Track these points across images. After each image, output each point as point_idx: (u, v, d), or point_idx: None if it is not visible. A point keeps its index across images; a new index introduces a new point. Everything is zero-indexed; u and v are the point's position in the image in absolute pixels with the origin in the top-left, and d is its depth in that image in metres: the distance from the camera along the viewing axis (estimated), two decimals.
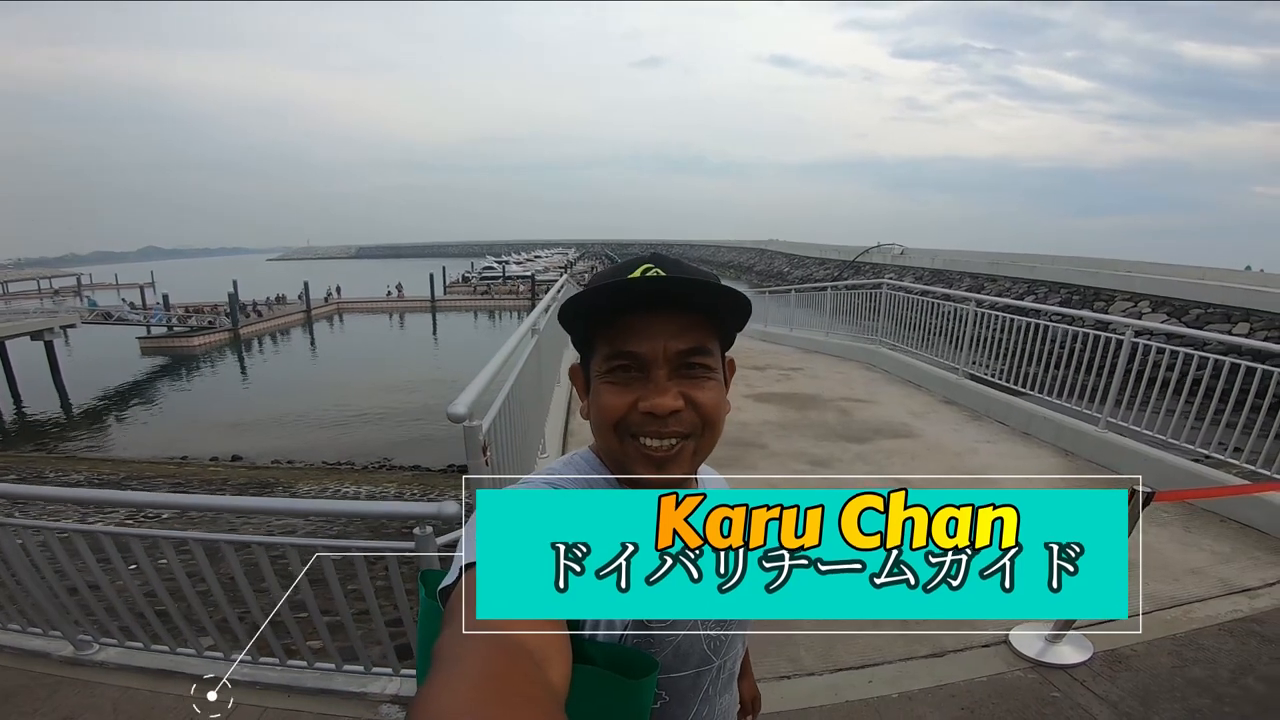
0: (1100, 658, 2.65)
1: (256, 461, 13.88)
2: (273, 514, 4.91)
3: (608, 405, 0.72)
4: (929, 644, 2.79)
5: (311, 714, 2.46)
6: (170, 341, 30.55)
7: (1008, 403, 6.24)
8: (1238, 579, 3.28)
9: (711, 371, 0.74)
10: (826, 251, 43.93)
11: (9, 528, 2.48)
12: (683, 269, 0.73)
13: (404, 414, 17.93)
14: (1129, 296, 18.85)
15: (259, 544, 2.26)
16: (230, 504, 2.68)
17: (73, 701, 2.53)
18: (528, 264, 68.17)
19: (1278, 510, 3.73)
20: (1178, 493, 3.66)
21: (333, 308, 44.27)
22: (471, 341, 32.23)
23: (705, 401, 0.72)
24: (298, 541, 2.25)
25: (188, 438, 16.15)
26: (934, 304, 8.03)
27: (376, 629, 2.50)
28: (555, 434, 5.20)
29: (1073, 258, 24.91)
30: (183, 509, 2.82)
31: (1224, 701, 2.40)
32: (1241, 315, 15.65)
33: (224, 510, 2.75)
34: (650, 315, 0.70)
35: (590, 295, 0.71)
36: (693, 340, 0.71)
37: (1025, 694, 2.46)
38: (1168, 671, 2.56)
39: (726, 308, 0.73)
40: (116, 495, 2.64)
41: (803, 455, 5.25)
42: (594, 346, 0.75)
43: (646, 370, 0.71)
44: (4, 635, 2.86)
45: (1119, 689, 2.46)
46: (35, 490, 2.63)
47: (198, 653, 2.64)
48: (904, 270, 29.49)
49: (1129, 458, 4.78)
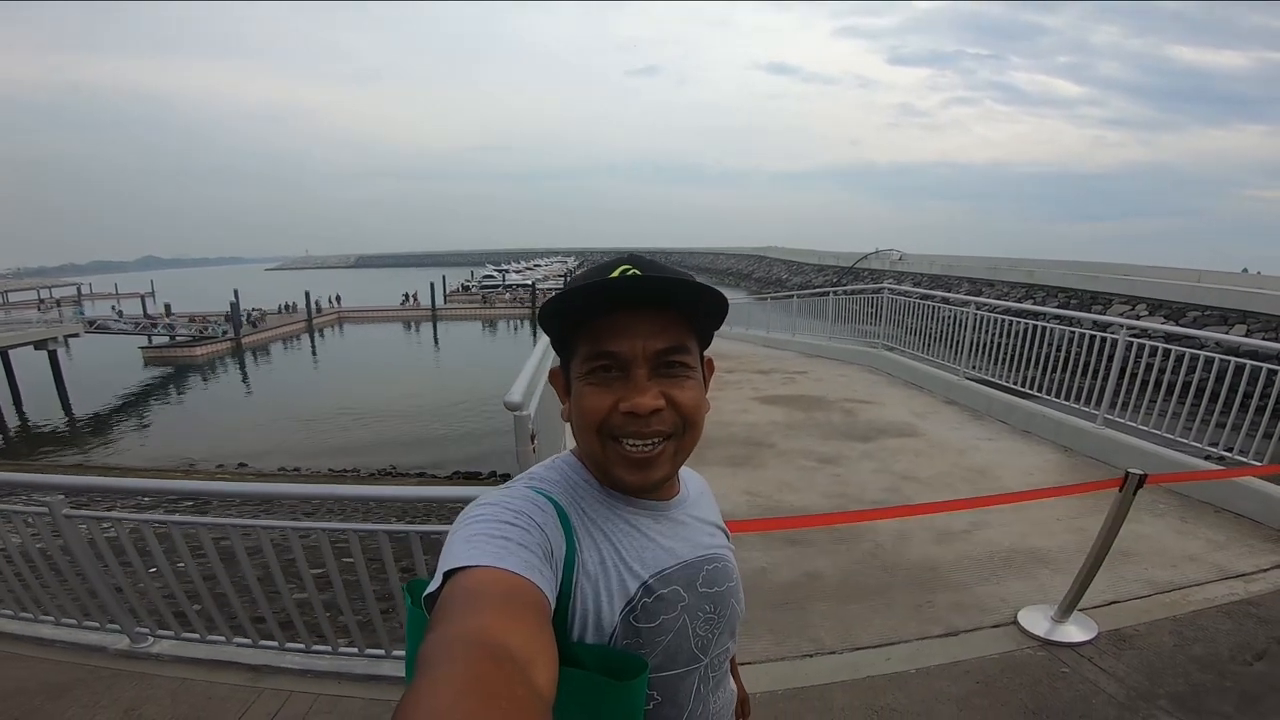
0: (1105, 636, 2.80)
1: (263, 470, 13.99)
2: (343, 500, 5.09)
3: (589, 407, 0.73)
4: (941, 624, 2.94)
5: (362, 699, 2.57)
6: (173, 351, 30.69)
7: (1008, 403, 6.40)
8: (1233, 565, 3.43)
9: (691, 370, 0.74)
10: (825, 258, 44.22)
11: (76, 520, 2.61)
12: (660, 269, 0.73)
13: (407, 421, 18.06)
14: (1126, 299, 19.08)
15: (323, 530, 2.40)
16: (304, 491, 2.81)
17: (131, 694, 2.62)
18: (528, 272, 68.40)
19: (1269, 499, 3.89)
20: (1167, 476, 3.84)
21: (334, 316, 44.45)
22: (472, 351, 32.36)
23: (685, 400, 0.73)
24: (361, 527, 2.38)
25: (192, 446, 16.28)
26: (934, 308, 8.21)
27: None
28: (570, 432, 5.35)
29: (1071, 262, 25.14)
30: (261, 498, 2.93)
31: (1225, 677, 2.54)
32: (1238, 317, 15.86)
33: (295, 497, 2.89)
34: (628, 315, 0.71)
35: (568, 295, 0.71)
36: (671, 339, 0.72)
37: (1036, 669, 2.61)
38: (1170, 650, 2.71)
39: (703, 306, 0.74)
40: (192, 485, 2.75)
41: (811, 454, 5.39)
42: (573, 348, 0.75)
43: (626, 370, 0.72)
44: (59, 630, 2.97)
45: (1125, 665, 2.61)
46: (106, 482, 2.74)
47: (253, 643, 2.75)
48: (903, 276, 29.71)
49: (1127, 453, 4.93)
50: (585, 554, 0.71)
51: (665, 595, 0.74)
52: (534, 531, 0.65)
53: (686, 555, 0.79)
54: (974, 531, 3.77)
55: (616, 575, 0.72)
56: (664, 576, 0.75)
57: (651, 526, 0.78)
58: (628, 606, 0.71)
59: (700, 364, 0.78)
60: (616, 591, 0.71)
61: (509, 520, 0.65)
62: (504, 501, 0.69)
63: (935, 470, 4.97)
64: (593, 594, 0.70)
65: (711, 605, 0.80)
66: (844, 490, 4.57)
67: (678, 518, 0.82)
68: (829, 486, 4.65)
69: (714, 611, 0.80)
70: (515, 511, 0.67)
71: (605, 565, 0.72)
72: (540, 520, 0.67)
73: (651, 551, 0.76)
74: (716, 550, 0.84)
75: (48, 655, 2.88)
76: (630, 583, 0.72)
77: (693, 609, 0.77)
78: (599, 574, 0.71)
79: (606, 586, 0.71)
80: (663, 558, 0.76)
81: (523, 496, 0.71)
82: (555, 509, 0.71)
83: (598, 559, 0.72)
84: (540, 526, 0.66)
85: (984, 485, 4.65)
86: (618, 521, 0.76)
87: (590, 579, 0.70)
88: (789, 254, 53.51)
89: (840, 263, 39.93)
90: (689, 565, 0.79)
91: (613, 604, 0.71)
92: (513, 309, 46.01)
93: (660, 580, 0.75)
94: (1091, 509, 3.66)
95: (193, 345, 30.89)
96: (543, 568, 0.62)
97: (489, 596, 0.55)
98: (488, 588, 0.56)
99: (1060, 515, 3.90)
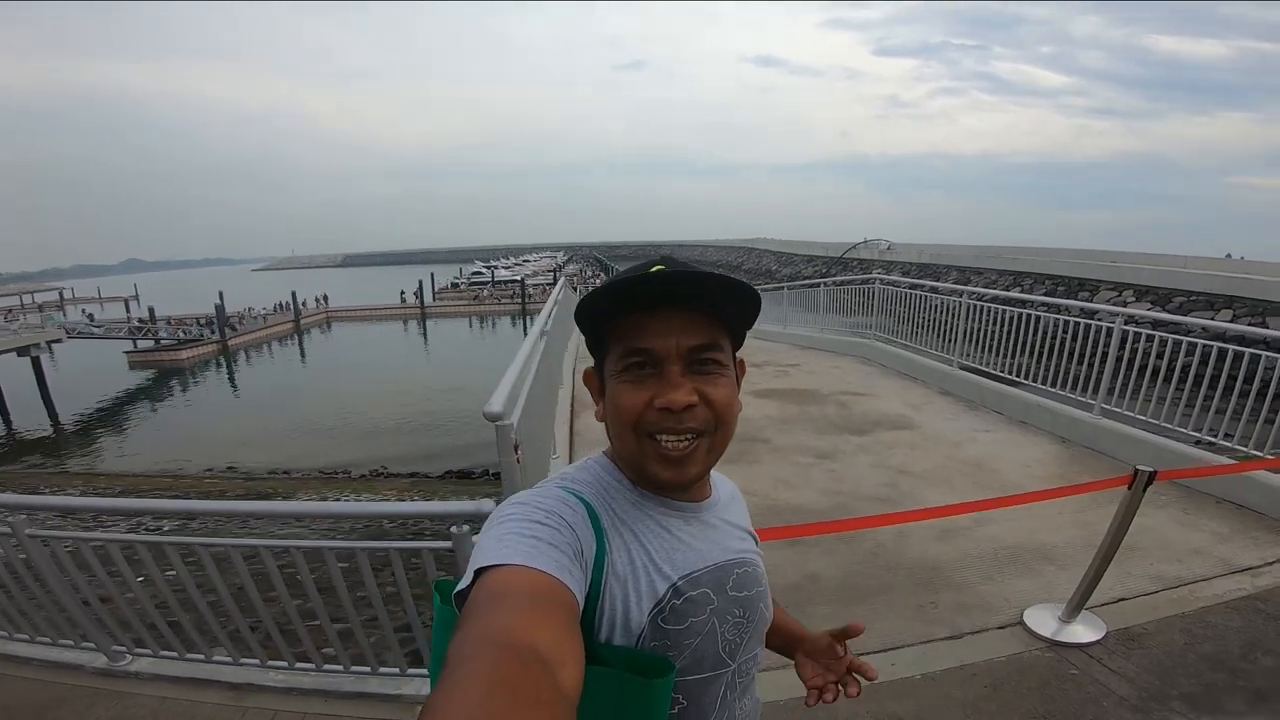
0: (1114, 636, 2.73)
1: (253, 472, 13.82)
2: (313, 518, 4.94)
3: (625, 405, 0.73)
4: (946, 626, 2.86)
5: (349, 718, 2.49)
6: (158, 355, 30.27)
7: (1003, 392, 6.35)
8: (1238, 558, 3.38)
9: (724, 368, 0.75)
10: (814, 249, 44.25)
11: (39, 539, 2.49)
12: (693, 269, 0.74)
13: (399, 420, 17.90)
14: (1113, 286, 19.14)
15: (298, 548, 2.29)
16: (271, 509, 2.71)
17: (112, 713, 2.53)
18: (516, 268, 68.06)
19: (1272, 490, 3.84)
20: (1177, 472, 3.77)
21: (321, 316, 44.06)
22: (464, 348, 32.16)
23: (718, 398, 0.74)
24: (338, 545, 2.28)
25: (180, 450, 16.07)
26: (924, 297, 8.16)
27: (413, 628, 2.53)
28: (562, 436, 5.25)
29: (1057, 249, 25.23)
30: (226, 515, 2.82)
31: (1238, 676, 2.48)
32: (1224, 302, 15.92)
33: (263, 515, 2.78)
34: (662, 312, 0.72)
35: (603, 293, 0.72)
36: (704, 336, 0.73)
37: (1045, 671, 2.53)
38: (1180, 649, 2.64)
39: (736, 304, 0.74)
40: (155, 504, 2.65)
41: (806, 449, 5.31)
42: (607, 347, 0.76)
43: (660, 367, 0.72)
44: (35, 648, 2.86)
45: (1135, 666, 2.54)
46: (67, 502, 2.63)
47: (234, 660, 2.65)
48: (891, 265, 29.77)
49: (1125, 443, 4.89)
50: (615, 554, 0.72)
51: (694, 597, 0.74)
52: (565, 531, 0.66)
53: (716, 558, 0.79)
54: (976, 528, 3.70)
55: (646, 576, 0.72)
56: (693, 579, 0.75)
57: (682, 528, 0.78)
58: (656, 608, 0.71)
59: (733, 362, 0.78)
60: (645, 592, 0.71)
61: (540, 520, 0.65)
62: (535, 501, 0.69)
63: (932, 464, 4.90)
64: (621, 594, 0.70)
65: (740, 609, 0.79)
66: (841, 487, 4.49)
67: (708, 520, 0.82)
68: (826, 483, 4.57)
69: (742, 616, 0.79)
70: (546, 511, 0.67)
71: (635, 566, 0.72)
72: (571, 520, 0.68)
73: (681, 553, 0.76)
74: (746, 554, 0.84)
75: (23, 674, 2.79)
76: (659, 584, 0.73)
77: (721, 612, 0.77)
78: (628, 574, 0.71)
79: (635, 587, 0.71)
80: (692, 560, 0.76)
81: (554, 496, 0.71)
82: (586, 509, 0.72)
83: (627, 559, 0.72)
84: (571, 526, 0.67)
85: (982, 479, 4.59)
86: (648, 522, 0.76)
87: (619, 579, 0.71)
88: (778, 245, 53.50)
89: (829, 253, 39.95)
90: (718, 568, 0.78)
91: (641, 605, 0.71)
92: (504, 305, 45.79)
93: (689, 582, 0.75)
94: (1096, 502, 3.60)
95: (178, 349, 30.48)
96: (572, 568, 0.62)
97: (518, 596, 0.55)
98: (517, 587, 0.57)
99: (1064, 509, 3.83)
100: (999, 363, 6.61)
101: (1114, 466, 4.67)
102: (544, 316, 4.90)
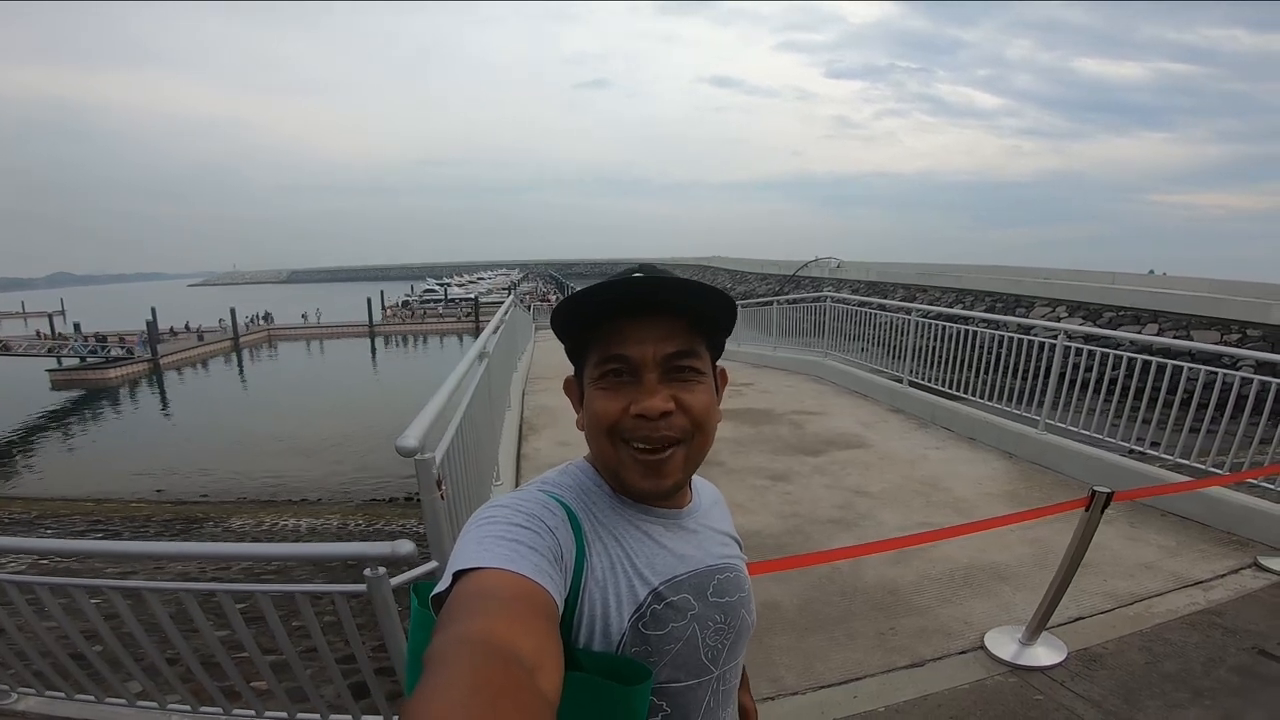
0: (1075, 657, 2.67)
1: (183, 497, 13.05)
2: (207, 559, 4.53)
3: (601, 411, 0.73)
4: (907, 654, 2.76)
5: None
6: (84, 374, 28.56)
7: (952, 409, 6.41)
8: (1189, 572, 3.40)
9: (701, 375, 0.75)
10: (767, 267, 44.82)
11: None
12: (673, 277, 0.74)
13: (345, 442, 17.23)
14: (1047, 302, 19.92)
15: (187, 591, 2.03)
16: (168, 550, 2.43)
17: None
18: (470, 286, 67.01)
19: (1215, 502, 3.91)
20: (1134, 492, 3.78)
21: (263, 334, 42.41)
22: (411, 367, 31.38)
23: (695, 404, 0.73)
24: (237, 588, 2.04)
25: (106, 474, 15.07)
26: (872, 315, 8.25)
27: (328, 668, 2.28)
28: (509, 460, 5.02)
29: (996, 267, 26.14)
30: (115, 556, 2.53)
31: (1202, 695, 2.44)
32: (1150, 316, 16.72)
33: (160, 556, 2.49)
34: (639, 320, 0.71)
35: (580, 300, 0.72)
36: (681, 343, 0.73)
37: (1009, 698, 2.45)
38: (1142, 668, 2.60)
39: (712, 311, 0.74)
40: (22, 543, 2.35)
41: (761, 471, 5.23)
42: (585, 355, 0.75)
43: (637, 374, 0.72)
44: None
45: (1099, 688, 2.48)
46: None
47: (129, 702, 2.38)
48: (841, 283, 30.36)
49: (1069, 458, 4.96)
50: (595, 559, 0.71)
51: (675, 603, 0.73)
52: (545, 535, 0.65)
53: (697, 564, 0.78)
54: (929, 548, 3.63)
55: (626, 581, 0.71)
56: (674, 584, 0.74)
57: (663, 534, 0.77)
58: (637, 613, 0.70)
59: (712, 371, 0.78)
60: (626, 597, 0.70)
61: (520, 523, 0.65)
62: (516, 504, 0.68)
63: (886, 483, 4.86)
64: (601, 599, 0.69)
65: (722, 615, 0.78)
66: (797, 509, 4.39)
67: (690, 526, 0.81)
68: (781, 506, 4.47)
69: (724, 622, 0.78)
70: (527, 514, 0.66)
71: (615, 570, 0.71)
72: (551, 524, 0.67)
73: (662, 558, 0.75)
74: (728, 560, 0.83)
75: None
76: (640, 589, 0.72)
77: (703, 618, 0.75)
78: (608, 579, 0.70)
79: (616, 592, 0.70)
80: (674, 565, 0.75)
81: (535, 500, 0.70)
82: (566, 513, 0.71)
83: (608, 564, 0.71)
84: (551, 530, 0.66)
85: (936, 498, 4.56)
86: (629, 528, 0.75)
87: (599, 584, 0.70)
88: (733, 264, 54.07)
89: (782, 271, 40.51)
90: (700, 574, 0.77)
91: (621, 610, 0.70)
92: (455, 324, 44.94)
93: (670, 587, 0.74)
94: (1044, 519, 3.58)
95: (106, 367, 28.84)
96: (552, 572, 0.61)
97: (498, 599, 0.55)
98: (497, 590, 0.56)
99: (1014, 527, 3.80)
100: (946, 378, 6.70)
101: (1059, 481, 4.71)
102: (484, 337, 4.67)
